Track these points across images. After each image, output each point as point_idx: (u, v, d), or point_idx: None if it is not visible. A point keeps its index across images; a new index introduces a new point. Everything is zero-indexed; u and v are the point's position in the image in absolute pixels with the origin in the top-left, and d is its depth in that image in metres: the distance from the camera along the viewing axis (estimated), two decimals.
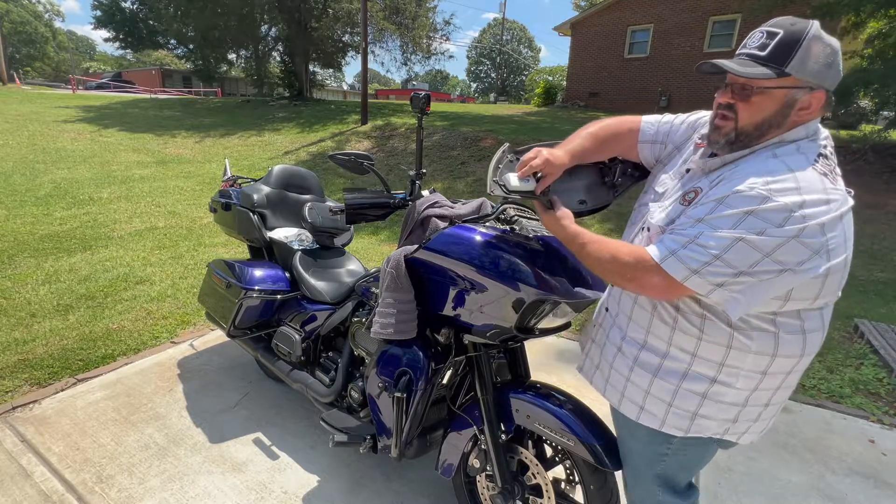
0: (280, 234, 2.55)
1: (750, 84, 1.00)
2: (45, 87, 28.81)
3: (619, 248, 1.08)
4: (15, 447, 2.19)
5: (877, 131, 8.59)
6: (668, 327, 1.12)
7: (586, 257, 1.13)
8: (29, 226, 5.50)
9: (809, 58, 0.95)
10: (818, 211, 0.90)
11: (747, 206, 0.92)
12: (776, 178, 0.93)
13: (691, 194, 1.07)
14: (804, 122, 1.01)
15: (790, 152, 0.99)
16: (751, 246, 0.91)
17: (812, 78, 0.96)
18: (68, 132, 11.79)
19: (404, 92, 38.74)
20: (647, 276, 1.01)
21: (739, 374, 1.06)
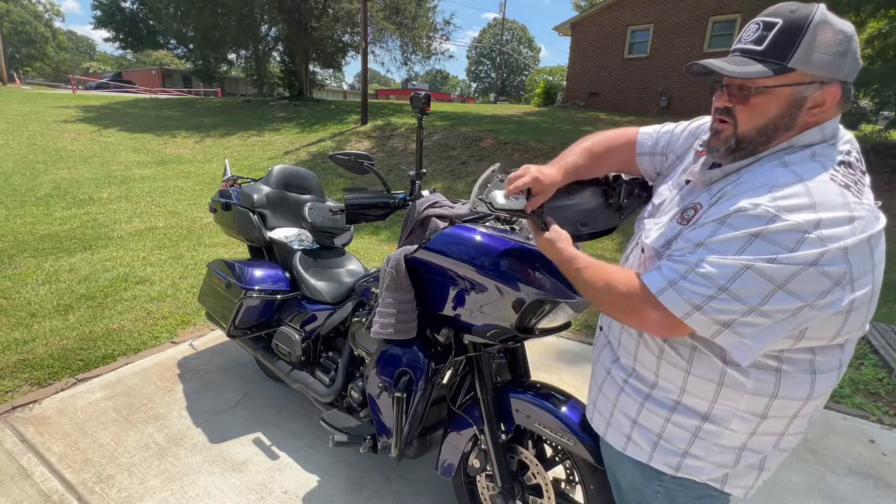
0: (280, 234, 2.55)
1: (746, 84, 0.87)
2: (45, 87, 28.82)
3: (615, 275, 0.95)
4: (15, 447, 2.19)
5: (877, 131, 8.60)
6: (655, 357, 1.01)
7: (581, 284, 1.01)
8: (29, 226, 5.50)
9: (816, 48, 0.81)
10: (839, 232, 0.76)
11: (753, 228, 0.78)
12: (785, 191, 0.79)
13: (690, 211, 0.94)
14: (819, 122, 0.86)
15: (803, 160, 0.84)
16: (760, 275, 0.77)
17: (822, 71, 0.82)
18: (68, 132, 11.79)
19: (404, 92, 38.75)
20: (644, 311, 0.88)
21: (734, 415, 0.93)
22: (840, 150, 0.86)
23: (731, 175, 0.92)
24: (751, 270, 0.78)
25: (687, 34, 15.30)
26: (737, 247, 0.79)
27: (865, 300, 0.82)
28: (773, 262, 0.77)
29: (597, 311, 1.36)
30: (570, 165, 1.18)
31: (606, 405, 1.13)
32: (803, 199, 0.78)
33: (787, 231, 0.76)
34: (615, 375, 1.11)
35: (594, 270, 0.99)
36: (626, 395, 1.07)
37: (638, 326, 0.95)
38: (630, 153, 1.23)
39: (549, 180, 1.12)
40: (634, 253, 1.09)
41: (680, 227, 0.94)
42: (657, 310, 0.87)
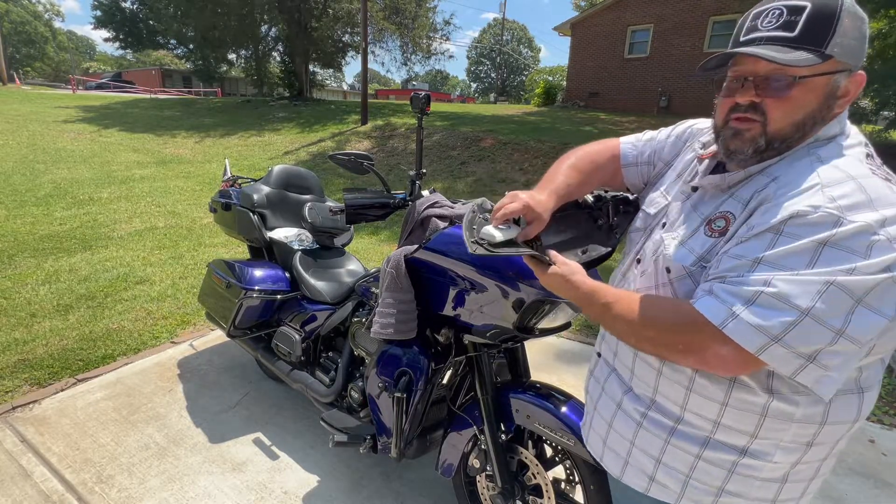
0: (280, 234, 2.55)
1: (788, 74, 0.76)
2: (45, 88, 28.82)
3: (658, 306, 0.82)
4: (15, 447, 2.19)
5: (877, 131, 8.61)
6: (683, 389, 0.88)
7: (613, 323, 0.86)
8: (29, 226, 5.50)
9: (848, 33, 0.74)
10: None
11: (817, 235, 0.68)
12: (839, 189, 0.70)
13: (720, 222, 0.83)
14: (840, 113, 0.81)
15: (835, 153, 0.77)
16: (843, 291, 0.66)
17: (851, 59, 0.76)
18: (68, 132, 11.79)
19: (404, 92, 38.77)
20: (707, 348, 0.74)
21: (778, 447, 0.83)
22: (860, 142, 0.81)
23: (757, 176, 0.82)
24: (834, 287, 0.66)
25: (687, 34, 15.30)
26: (806, 259, 0.68)
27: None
28: (853, 272, 0.66)
29: None
30: (561, 187, 1.06)
31: (621, 443, 1.00)
32: (860, 195, 0.69)
33: (856, 234, 0.67)
34: (629, 409, 0.98)
35: (628, 303, 0.84)
36: (647, 431, 0.94)
37: (698, 366, 0.79)
38: (615, 166, 1.16)
39: (541, 207, 0.99)
40: (634, 270, 0.99)
41: (711, 239, 0.83)
42: (724, 345, 0.72)
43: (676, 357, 0.80)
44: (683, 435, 0.89)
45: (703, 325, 0.74)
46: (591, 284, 0.90)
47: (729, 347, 0.72)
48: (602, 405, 1.06)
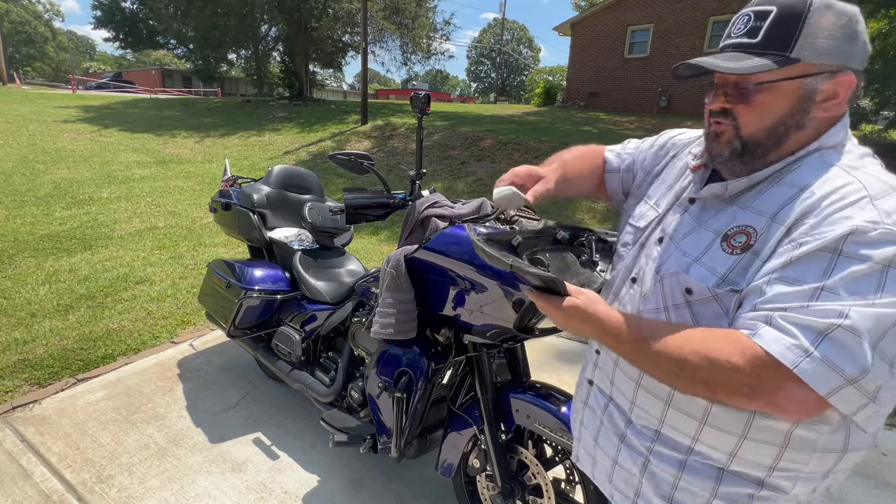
0: (280, 234, 2.55)
1: (745, 81, 0.76)
2: (45, 87, 28.82)
3: (712, 341, 0.70)
4: (15, 447, 2.19)
5: (877, 131, 8.61)
6: (695, 422, 0.81)
7: (654, 362, 0.74)
8: (29, 226, 5.50)
9: (820, 34, 0.71)
10: None
11: (882, 255, 0.62)
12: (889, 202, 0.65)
13: (740, 237, 0.76)
14: (835, 116, 0.77)
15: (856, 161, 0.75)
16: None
17: (830, 59, 0.72)
18: (68, 132, 11.79)
19: (404, 92, 38.77)
20: (775, 390, 0.64)
21: (798, 479, 0.77)
22: (868, 151, 0.77)
23: (770, 187, 0.77)
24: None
25: (687, 34, 15.30)
26: (874, 284, 0.62)
27: None
28: None
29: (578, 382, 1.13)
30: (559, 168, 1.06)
31: (629, 481, 0.92)
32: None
33: None
34: (634, 443, 0.90)
35: (673, 337, 0.72)
36: (656, 467, 0.87)
37: (768, 410, 0.70)
38: (600, 171, 1.15)
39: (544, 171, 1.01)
40: (630, 291, 0.92)
41: (732, 257, 0.75)
42: (796, 387, 0.63)
43: (739, 401, 0.69)
44: (693, 468, 0.82)
45: (771, 365, 0.64)
46: (617, 315, 0.79)
47: (802, 390, 0.63)
48: (603, 439, 0.97)
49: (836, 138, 0.76)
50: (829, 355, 0.61)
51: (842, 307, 0.61)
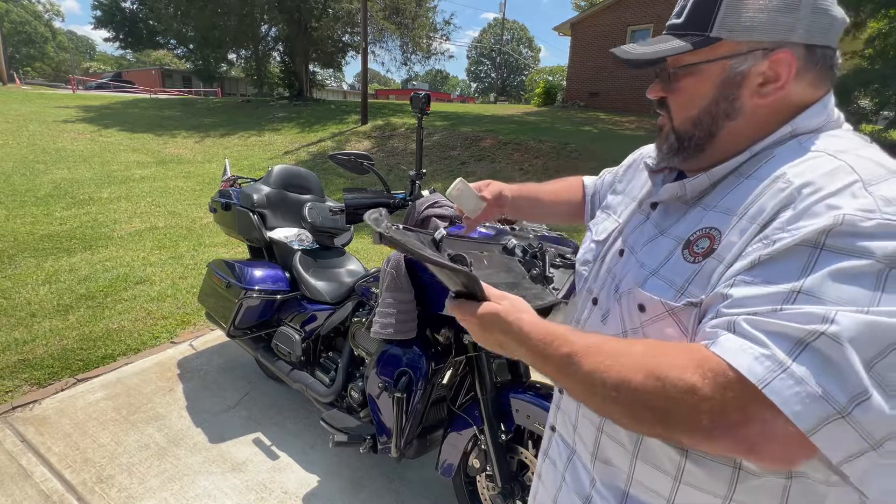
0: (280, 234, 2.56)
1: (671, 66, 0.68)
2: (45, 87, 28.83)
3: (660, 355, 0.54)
4: (15, 447, 2.19)
5: (877, 131, 8.61)
6: (668, 479, 0.64)
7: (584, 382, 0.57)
8: (29, 226, 5.49)
9: (746, 7, 0.60)
10: None
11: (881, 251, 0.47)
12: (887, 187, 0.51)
13: (703, 241, 0.62)
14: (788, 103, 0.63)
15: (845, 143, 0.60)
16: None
17: (763, 35, 0.60)
18: (68, 132, 11.79)
19: (404, 92, 38.78)
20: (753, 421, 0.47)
21: None
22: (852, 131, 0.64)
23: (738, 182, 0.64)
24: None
25: None
26: (870, 288, 0.46)
27: None
28: None
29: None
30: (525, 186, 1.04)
31: None
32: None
33: None
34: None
35: (615, 352, 0.56)
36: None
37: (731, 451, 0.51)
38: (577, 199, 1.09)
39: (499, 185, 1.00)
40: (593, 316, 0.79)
41: (693, 265, 0.61)
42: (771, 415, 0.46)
43: (699, 438, 0.50)
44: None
45: (734, 382, 0.48)
46: (546, 326, 0.63)
47: (780, 419, 0.46)
48: (564, 498, 0.80)
49: (815, 121, 0.63)
50: (809, 371, 0.45)
51: (826, 311, 0.46)
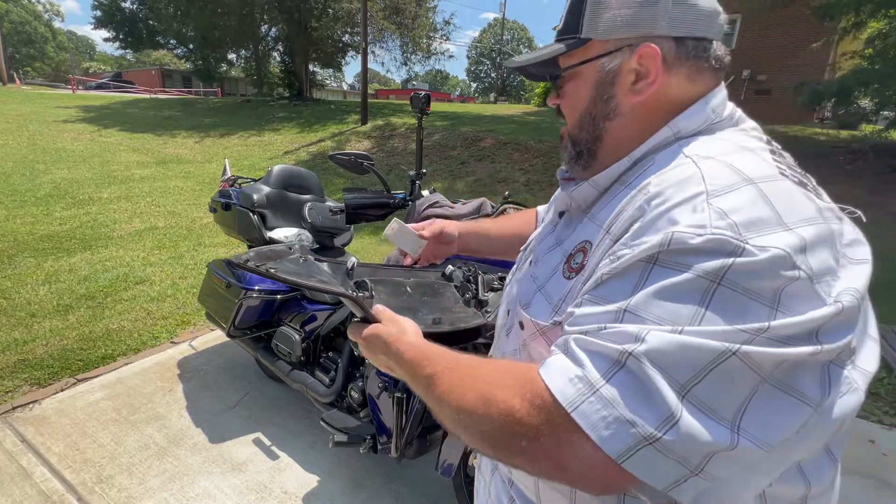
0: (280, 234, 2.55)
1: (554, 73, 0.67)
2: (45, 88, 28.84)
3: (499, 377, 0.53)
4: (15, 447, 2.19)
5: (877, 131, 8.61)
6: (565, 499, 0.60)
7: (438, 405, 0.57)
8: (29, 226, 5.49)
9: (609, 5, 0.59)
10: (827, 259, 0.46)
11: (706, 269, 0.44)
12: (732, 198, 0.47)
13: (578, 256, 0.60)
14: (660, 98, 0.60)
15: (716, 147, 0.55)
16: (747, 364, 0.42)
17: (627, 31, 0.59)
18: (68, 132, 11.79)
19: (404, 92, 38.77)
20: (567, 445, 0.46)
21: None
22: (761, 139, 0.59)
23: (615, 188, 0.61)
24: (736, 359, 0.42)
25: None
26: (692, 307, 0.44)
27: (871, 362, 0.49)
28: (764, 334, 0.42)
29: None
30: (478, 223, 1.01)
31: None
32: (763, 208, 0.46)
33: (766, 268, 0.43)
34: None
35: (465, 375, 0.56)
36: None
37: (554, 477, 0.49)
38: (531, 228, 1.02)
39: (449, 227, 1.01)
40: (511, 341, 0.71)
41: (569, 282, 0.59)
42: (581, 441, 0.45)
43: (524, 462, 0.49)
44: None
45: (548, 406, 0.46)
46: (421, 348, 0.64)
47: (588, 445, 0.44)
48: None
49: (696, 120, 0.59)
50: (619, 394, 0.43)
51: (639, 329, 0.44)
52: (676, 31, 0.58)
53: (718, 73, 0.61)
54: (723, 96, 0.61)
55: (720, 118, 0.60)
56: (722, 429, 0.42)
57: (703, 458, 0.43)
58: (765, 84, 13.98)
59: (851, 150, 8.49)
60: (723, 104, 0.61)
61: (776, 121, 12.27)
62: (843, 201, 0.64)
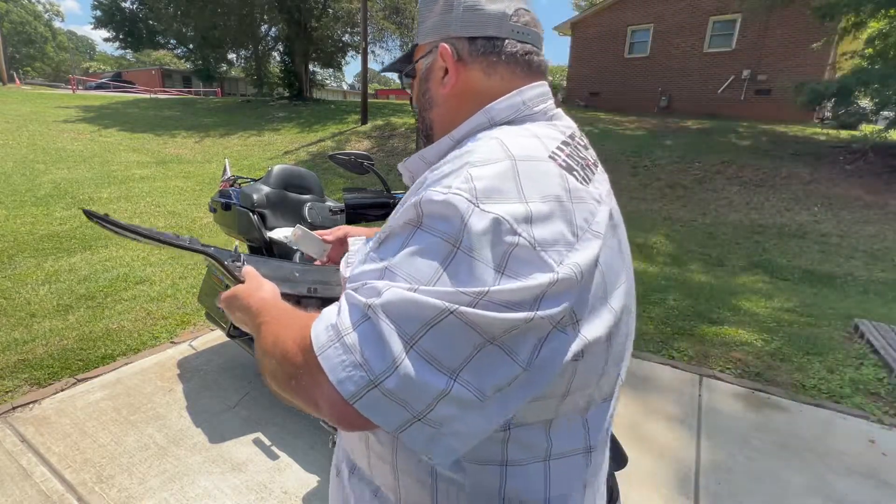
0: (280, 234, 2.55)
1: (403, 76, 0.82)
2: (45, 87, 28.84)
3: (291, 325, 0.59)
4: (15, 447, 2.19)
5: (877, 131, 8.61)
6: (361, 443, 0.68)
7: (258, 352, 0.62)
8: (29, 226, 5.49)
9: (428, 13, 0.70)
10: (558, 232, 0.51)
11: (446, 230, 0.49)
12: (488, 168, 0.52)
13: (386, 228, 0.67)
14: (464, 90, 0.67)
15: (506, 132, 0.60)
16: (467, 323, 0.46)
17: (435, 34, 0.69)
18: (68, 132, 11.79)
19: (404, 92, 38.72)
20: (319, 386, 0.50)
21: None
22: (564, 132, 0.65)
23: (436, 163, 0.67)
24: (454, 316, 0.46)
25: (687, 34, 15.30)
26: (434, 267, 0.48)
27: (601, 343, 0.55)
28: (485, 297, 0.46)
29: None
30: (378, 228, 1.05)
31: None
32: (509, 180, 0.51)
33: (486, 232, 0.48)
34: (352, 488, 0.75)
35: (273, 324, 0.61)
36: None
37: (314, 411, 0.54)
38: None
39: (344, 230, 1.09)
40: None
41: None
42: (328, 382, 0.49)
43: (291, 399, 0.56)
44: None
45: (308, 350, 0.51)
46: (264, 301, 0.69)
47: (329, 387, 0.48)
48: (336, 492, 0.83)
49: (506, 111, 0.64)
50: (358, 342, 0.48)
51: (385, 286, 0.49)
52: (468, 32, 0.66)
53: (530, 70, 0.68)
54: (538, 93, 0.67)
55: (531, 111, 0.65)
56: (441, 377, 0.47)
57: (426, 405, 0.47)
58: (765, 84, 13.98)
59: (851, 150, 8.48)
60: (536, 99, 0.66)
61: (776, 121, 12.27)
62: (843, 201, 0.65)
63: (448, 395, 0.47)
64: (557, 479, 0.61)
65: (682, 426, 2.50)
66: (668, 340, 3.44)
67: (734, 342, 3.46)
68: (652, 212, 7.57)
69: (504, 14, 0.66)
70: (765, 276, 5.34)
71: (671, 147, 9.95)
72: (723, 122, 12.09)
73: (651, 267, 5.47)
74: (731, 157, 8.99)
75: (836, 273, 5.34)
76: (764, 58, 13.92)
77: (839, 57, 11.85)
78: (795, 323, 3.87)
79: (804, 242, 6.25)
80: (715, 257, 5.92)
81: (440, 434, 0.49)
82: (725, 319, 3.89)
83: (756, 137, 10.31)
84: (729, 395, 2.82)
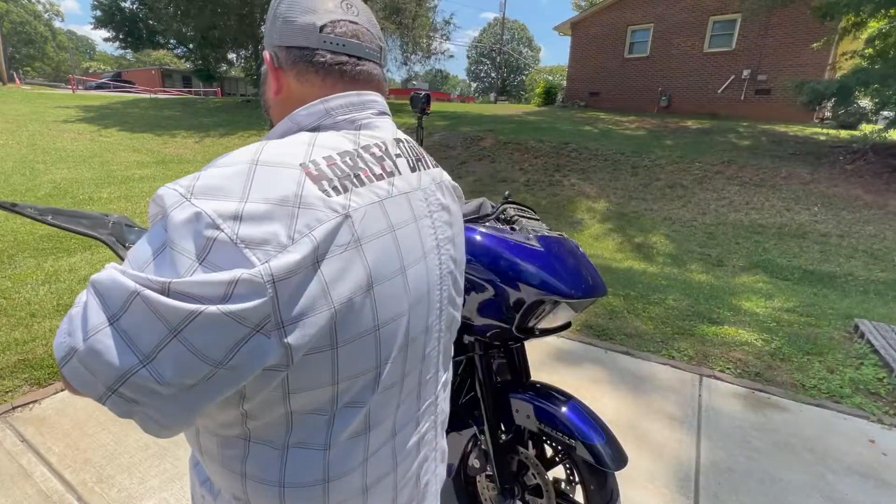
0: None
1: None
2: (45, 87, 28.86)
3: None
4: (15, 447, 2.19)
5: (877, 131, 8.61)
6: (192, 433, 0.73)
7: None
8: (29, 226, 5.49)
9: (269, 25, 0.72)
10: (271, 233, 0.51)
11: (165, 222, 0.52)
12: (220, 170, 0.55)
13: None
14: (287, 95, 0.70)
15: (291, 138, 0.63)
16: (154, 313, 0.48)
17: (267, 43, 0.73)
18: (68, 132, 11.80)
19: (404, 92, 38.73)
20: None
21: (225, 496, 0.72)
22: (360, 137, 0.67)
23: None
24: (140, 300, 0.48)
25: (687, 34, 15.31)
26: (149, 251, 0.52)
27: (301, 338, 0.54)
28: (171, 286, 0.48)
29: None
30: None
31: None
32: (238, 181, 0.53)
33: (187, 224, 0.50)
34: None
35: None
36: None
37: None
38: None
39: None
40: None
41: None
42: None
43: None
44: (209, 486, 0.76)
45: None
46: None
47: None
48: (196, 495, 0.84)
49: (309, 117, 0.67)
50: (76, 314, 0.52)
51: (112, 269, 0.51)
52: (284, 42, 0.69)
53: (342, 79, 0.69)
54: (345, 102, 0.68)
55: (334, 120, 0.67)
56: (130, 357, 0.49)
57: (116, 380, 0.49)
58: (765, 84, 13.98)
59: (851, 150, 8.49)
60: (342, 109, 0.67)
61: (776, 120, 12.28)
62: (843, 201, 0.64)
63: (133, 376, 0.49)
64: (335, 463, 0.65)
65: (682, 426, 2.50)
66: (667, 340, 3.44)
67: (734, 342, 3.46)
68: (652, 212, 7.57)
69: (314, 25, 0.68)
70: (765, 275, 5.35)
71: (671, 147, 9.95)
72: (723, 121, 12.09)
73: (651, 267, 5.47)
74: (731, 156, 9.00)
75: (836, 273, 5.35)
76: (764, 58, 13.92)
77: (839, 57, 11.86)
78: (795, 323, 3.87)
79: (804, 242, 6.25)
80: (715, 257, 5.93)
81: (136, 411, 0.52)
82: (725, 319, 3.89)
83: (756, 137, 10.31)
84: (729, 394, 2.82)
